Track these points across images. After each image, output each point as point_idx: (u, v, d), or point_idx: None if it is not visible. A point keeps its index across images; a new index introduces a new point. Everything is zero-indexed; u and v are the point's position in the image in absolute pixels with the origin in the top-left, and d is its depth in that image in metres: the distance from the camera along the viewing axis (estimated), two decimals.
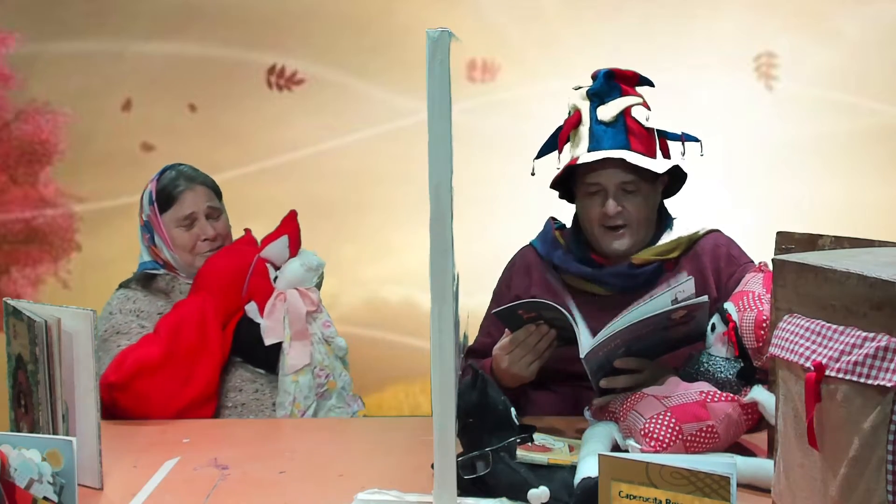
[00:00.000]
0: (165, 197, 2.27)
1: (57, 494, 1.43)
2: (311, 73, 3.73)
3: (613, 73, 2.11)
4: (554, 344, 1.94)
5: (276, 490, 1.66)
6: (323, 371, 2.26)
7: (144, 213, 2.29)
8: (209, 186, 2.32)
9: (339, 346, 2.31)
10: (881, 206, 3.53)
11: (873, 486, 1.15)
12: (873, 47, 3.57)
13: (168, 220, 2.27)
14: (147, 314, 2.23)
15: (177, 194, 2.26)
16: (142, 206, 2.31)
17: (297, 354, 2.24)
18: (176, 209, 2.26)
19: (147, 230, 2.30)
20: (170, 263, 2.30)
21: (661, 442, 1.64)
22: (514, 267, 2.30)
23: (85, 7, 3.75)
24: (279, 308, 2.24)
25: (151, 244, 2.30)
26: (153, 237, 2.29)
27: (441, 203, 1.34)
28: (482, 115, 3.61)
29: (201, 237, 2.27)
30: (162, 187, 2.28)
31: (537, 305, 1.90)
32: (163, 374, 2.09)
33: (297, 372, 2.22)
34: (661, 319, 1.77)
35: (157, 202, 2.27)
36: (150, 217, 2.28)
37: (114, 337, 2.19)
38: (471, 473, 1.53)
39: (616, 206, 2.09)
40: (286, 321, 2.24)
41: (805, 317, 1.29)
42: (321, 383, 2.26)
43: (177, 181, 2.28)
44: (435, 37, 1.31)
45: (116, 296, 2.29)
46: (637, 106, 2.10)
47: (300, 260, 2.30)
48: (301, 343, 2.25)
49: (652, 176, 2.11)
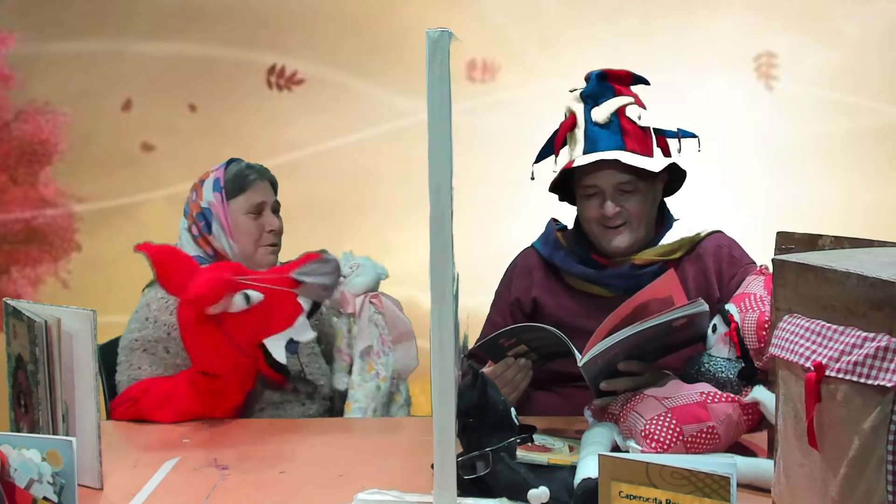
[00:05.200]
0: (237, 185, 2.22)
1: (57, 494, 1.43)
2: (311, 73, 3.74)
3: (606, 74, 2.12)
4: (530, 375, 1.98)
5: (276, 490, 1.66)
6: (395, 380, 2.22)
7: (204, 200, 2.22)
8: (272, 183, 2.30)
9: (414, 358, 2.26)
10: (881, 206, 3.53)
11: (873, 486, 1.15)
12: (873, 47, 3.58)
13: (235, 208, 2.21)
14: (177, 333, 2.10)
15: (249, 183, 2.23)
16: (197, 195, 2.24)
17: (407, 356, 2.22)
18: (248, 196, 2.22)
19: (202, 218, 2.22)
20: (221, 254, 2.22)
21: (661, 443, 1.64)
22: (516, 269, 2.30)
23: (85, 7, 3.75)
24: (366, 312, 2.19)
25: (205, 234, 2.22)
26: (210, 225, 2.22)
27: (441, 203, 1.34)
28: (482, 115, 3.61)
29: (267, 228, 2.22)
30: (233, 175, 2.23)
31: (515, 331, 1.92)
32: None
33: (380, 377, 2.17)
34: (662, 327, 1.76)
35: (226, 189, 2.22)
36: (211, 203, 2.21)
37: (139, 353, 2.14)
38: (471, 473, 1.53)
39: (614, 208, 2.09)
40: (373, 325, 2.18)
41: (805, 317, 1.29)
42: (392, 391, 2.21)
43: (247, 171, 2.25)
44: (435, 37, 1.31)
45: (155, 297, 2.18)
46: (630, 105, 2.10)
47: (374, 267, 2.24)
48: (405, 345, 2.22)
49: (649, 174, 2.11)
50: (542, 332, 1.86)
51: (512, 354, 1.96)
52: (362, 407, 2.15)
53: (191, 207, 2.25)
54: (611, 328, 1.76)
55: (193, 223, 2.24)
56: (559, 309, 2.20)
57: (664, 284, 1.84)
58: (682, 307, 1.77)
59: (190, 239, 2.24)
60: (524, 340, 1.93)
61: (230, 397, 2.09)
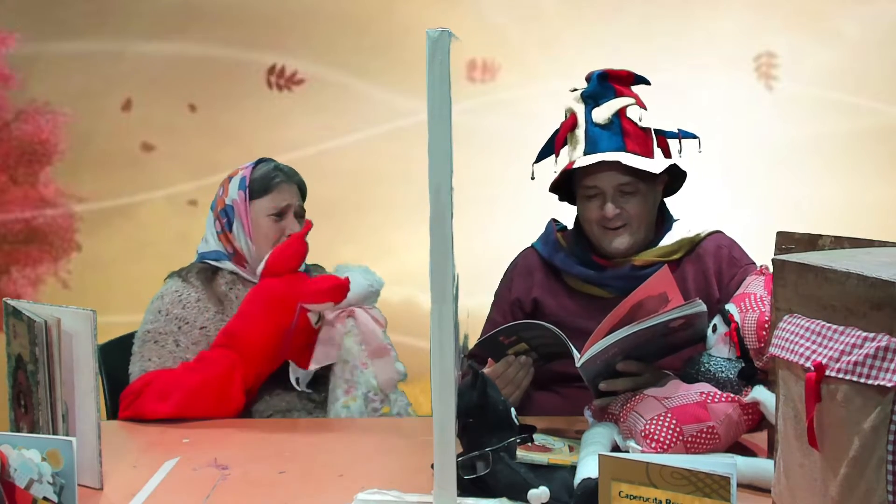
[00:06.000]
0: (262, 186, 2.21)
1: (57, 494, 1.43)
2: (311, 73, 3.74)
3: (607, 75, 2.11)
4: (531, 373, 1.97)
5: (276, 490, 1.66)
6: (377, 396, 2.19)
7: (229, 197, 2.22)
8: (299, 186, 2.29)
9: (398, 371, 2.23)
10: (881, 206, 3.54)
11: (873, 486, 1.15)
12: (873, 47, 3.58)
13: (258, 209, 2.21)
14: (190, 327, 2.16)
15: (274, 185, 2.22)
16: (223, 190, 2.24)
17: (387, 370, 2.20)
18: (272, 198, 2.21)
19: (225, 215, 2.23)
20: (240, 253, 2.22)
21: (661, 443, 1.64)
22: (516, 269, 2.30)
23: (85, 7, 3.75)
24: (339, 329, 2.18)
25: (226, 230, 2.22)
26: (231, 223, 2.22)
27: (441, 203, 1.34)
28: (482, 115, 3.61)
29: (287, 231, 2.21)
30: (259, 175, 2.23)
31: (515, 328, 1.92)
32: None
33: (349, 397, 2.16)
34: (660, 328, 1.76)
35: (251, 188, 2.21)
36: (235, 202, 2.21)
37: (150, 345, 2.15)
38: (471, 473, 1.53)
39: (615, 209, 2.09)
40: (348, 342, 2.18)
41: (805, 317, 1.29)
42: (375, 408, 2.19)
43: (275, 172, 2.24)
44: (435, 37, 1.31)
45: (169, 289, 2.21)
46: (631, 106, 2.10)
47: (365, 278, 2.23)
48: (383, 360, 2.20)
49: (650, 176, 2.11)
50: (541, 330, 1.86)
51: (512, 353, 1.96)
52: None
53: (217, 203, 2.26)
54: (609, 329, 1.76)
55: (217, 219, 2.25)
56: (560, 309, 2.20)
57: (658, 282, 1.84)
58: (679, 307, 1.77)
59: (213, 234, 2.26)
60: (525, 339, 1.92)
61: (230, 392, 2.09)
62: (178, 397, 2.05)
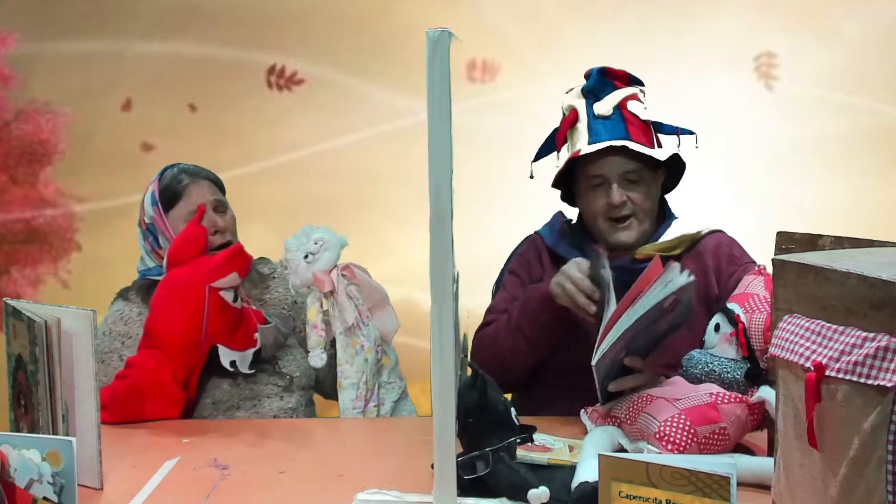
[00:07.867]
0: (171, 194, 2.20)
1: (57, 494, 1.43)
2: (311, 73, 3.74)
3: (606, 71, 2.13)
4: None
5: (276, 490, 1.66)
6: (380, 347, 2.23)
7: (147, 215, 2.21)
8: (213, 181, 2.26)
9: (396, 322, 2.28)
10: (881, 206, 3.54)
11: (873, 486, 1.15)
12: (873, 47, 3.58)
13: (175, 218, 2.19)
14: (133, 340, 2.15)
15: (182, 189, 2.20)
16: (143, 210, 2.23)
17: (387, 320, 2.22)
18: (183, 204, 2.19)
19: (150, 233, 2.21)
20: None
21: (677, 444, 1.64)
22: (528, 250, 2.28)
23: (85, 7, 3.75)
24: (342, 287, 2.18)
25: (156, 247, 2.21)
26: (157, 239, 2.20)
27: (441, 203, 1.34)
28: (482, 115, 3.62)
29: (211, 230, 2.17)
30: (165, 185, 2.21)
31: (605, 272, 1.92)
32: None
33: (365, 350, 2.18)
34: (656, 311, 1.76)
35: (161, 201, 2.19)
36: (153, 218, 2.20)
37: (97, 366, 2.15)
38: (471, 473, 1.53)
39: (621, 195, 2.10)
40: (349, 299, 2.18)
41: (805, 317, 1.29)
42: (378, 358, 2.22)
43: (179, 177, 2.22)
44: (435, 37, 1.31)
45: (112, 311, 2.23)
46: (632, 100, 2.11)
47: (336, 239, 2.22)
48: (384, 311, 2.23)
49: (654, 165, 2.12)
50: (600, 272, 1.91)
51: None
52: (354, 382, 2.17)
53: (140, 223, 2.25)
54: (613, 325, 1.76)
55: (144, 238, 2.24)
56: None
57: (651, 272, 1.83)
58: (670, 283, 1.76)
59: (147, 252, 2.24)
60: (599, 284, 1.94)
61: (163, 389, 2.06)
62: (113, 406, 2.03)
